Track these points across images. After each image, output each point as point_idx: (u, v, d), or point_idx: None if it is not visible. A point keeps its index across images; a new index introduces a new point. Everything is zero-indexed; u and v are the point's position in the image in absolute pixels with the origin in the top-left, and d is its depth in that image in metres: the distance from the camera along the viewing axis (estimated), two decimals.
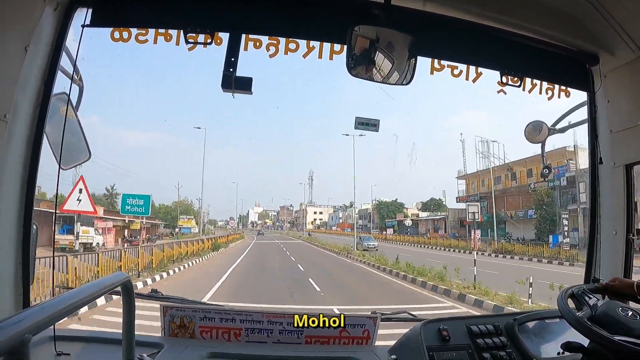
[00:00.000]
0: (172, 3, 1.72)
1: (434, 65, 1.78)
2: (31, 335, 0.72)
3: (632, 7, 1.69)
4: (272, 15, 1.71)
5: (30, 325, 0.73)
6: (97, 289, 1.01)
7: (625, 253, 1.91)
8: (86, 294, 0.94)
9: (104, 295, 4.69)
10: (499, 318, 1.74)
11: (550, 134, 2.05)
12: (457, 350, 1.58)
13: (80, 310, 6.37)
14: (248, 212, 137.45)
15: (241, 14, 1.69)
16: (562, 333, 1.61)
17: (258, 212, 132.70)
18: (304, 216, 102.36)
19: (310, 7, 1.72)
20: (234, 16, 1.68)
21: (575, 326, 1.32)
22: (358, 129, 3.36)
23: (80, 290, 0.95)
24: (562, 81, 1.96)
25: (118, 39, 1.74)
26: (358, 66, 1.62)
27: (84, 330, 1.79)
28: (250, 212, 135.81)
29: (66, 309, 0.84)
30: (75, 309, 0.88)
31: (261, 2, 1.71)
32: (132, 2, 1.73)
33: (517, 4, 1.78)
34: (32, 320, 0.74)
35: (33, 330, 0.73)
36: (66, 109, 1.80)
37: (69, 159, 1.86)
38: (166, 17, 1.70)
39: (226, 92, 1.62)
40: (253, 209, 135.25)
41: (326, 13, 1.72)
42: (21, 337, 0.70)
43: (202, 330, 1.72)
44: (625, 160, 1.94)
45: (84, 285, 1.00)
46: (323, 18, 1.72)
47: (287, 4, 1.73)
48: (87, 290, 0.96)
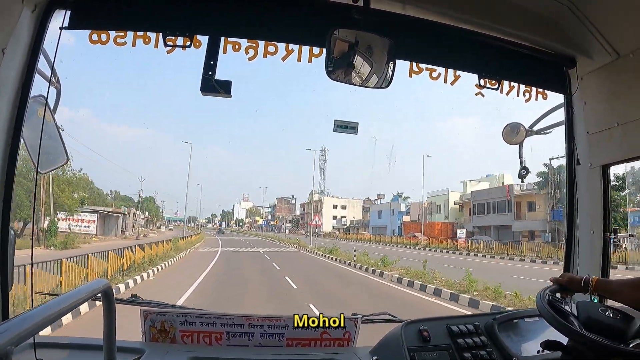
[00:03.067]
0: (151, 6, 1.71)
1: (413, 68, 1.80)
2: (14, 347, 0.71)
3: (609, 11, 1.73)
4: (251, 19, 1.71)
5: (12, 338, 0.72)
6: (79, 296, 1.01)
7: (602, 252, 1.95)
8: (68, 302, 0.94)
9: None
10: (479, 318, 1.76)
11: (528, 136, 2.08)
12: (438, 351, 1.59)
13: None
14: (233, 207, 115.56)
15: (220, 17, 1.68)
16: (542, 332, 1.63)
17: (247, 208, 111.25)
18: (319, 211, 61.12)
19: (289, 10, 1.72)
20: (213, 19, 1.68)
21: (554, 325, 1.34)
22: (337, 132, 3.37)
23: (62, 298, 0.94)
24: (539, 84, 1.99)
25: (96, 42, 1.72)
26: (337, 69, 1.63)
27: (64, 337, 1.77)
28: (237, 207, 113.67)
29: (48, 318, 0.83)
30: (57, 317, 0.87)
31: (240, 6, 1.71)
32: (111, 4, 1.71)
33: (496, 8, 1.80)
34: (14, 332, 0.73)
35: (15, 342, 0.72)
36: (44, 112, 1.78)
37: (46, 162, 1.84)
38: (145, 19, 1.69)
39: (205, 95, 1.62)
40: (240, 204, 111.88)
41: (305, 16, 1.73)
42: (4, 349, 0.70)
43: (183, 334, 1.71)
44: (601, 161, 1.97)
45: (65, 294, 0.99)
46: (302, 21, 1.73)
47: (266, 8, 1.73)
48: (68, 298, 0.96)
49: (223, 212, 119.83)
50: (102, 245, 22.47)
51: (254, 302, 10.62)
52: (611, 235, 1.96)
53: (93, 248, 16.77)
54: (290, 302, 10.72)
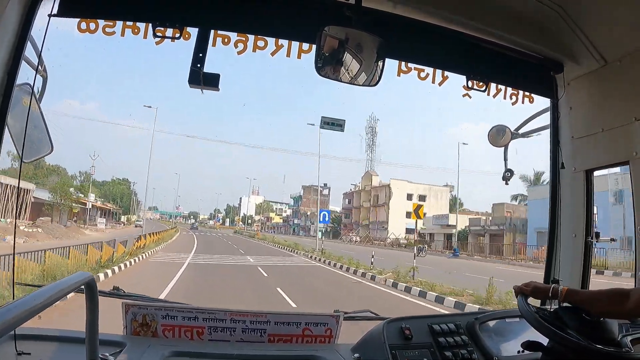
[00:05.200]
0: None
1: (401, 67, 1.81)
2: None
3: (597, 18, 1.75)
4: (242, 12, 1.70)
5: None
6: (61, 288, 0.99)
7: (583, 255, 1.98)
8: (50, 294, 0.92)
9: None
10: (461, 317, 1.78)
11: (513, 138, 2.11)
12: (419, 349, 1.60)
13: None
14: (240, 201, 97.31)
15: (211, 9, 1.68)
16: (523, 332, 1.64)
17: (257, 204, 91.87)
18: (385, 202, 44.25)
19: (280, 5, 1.72)
20: (203, 11, 1.67)
21: (535, 326, 1.36)
22: (324, 129, 3.38)
23: (44, 290, 0.92)
24: (526, 87, 2.02)
25: (85, 30, 1.71)
26: (326, 66, 1.63)
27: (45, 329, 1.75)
28: (244, 201, 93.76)
29: (30, 310, 0.82)
30: (39, 310, 0.86)
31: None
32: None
33: (486, 10, 1.82)
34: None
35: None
36: (29, 101, 1.76)
37: (31, 151, 1.81)
38: (135, 9, 1.68)
39: (193, 87, 1.61)
40: (248, 197, 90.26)
41: (296, 12, 1.73)
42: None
43: (165, 328, 1.70)
44: (585, 165, 2.00)
45: (47, 286, 0.98)
46: (293, 17, 1.73)
47: (257, 1, 1.73)
48: (50, 290, 0.94)
49: (228, 207, 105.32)
50: None
51: None
52: (593, 239, 1.99)
53: None
54: None
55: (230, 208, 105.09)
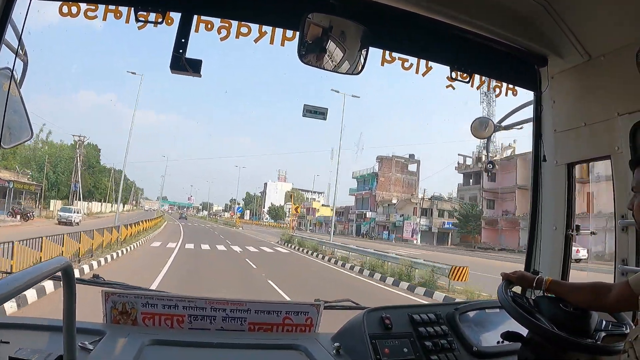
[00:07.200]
0: None
1: (385, 57, 1.80)
2: None
3: (583, 14, 1.76)
4: None
5: None
6: (37, 274, 0.97)
7: (564, 248, 2.00)
8: (25, 280, 0.89)
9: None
10: (441, 307, 1.79)
11: (496, 131, 2.12)
12: (399, 339, 1.60)
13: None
14: (265, 187, 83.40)
15: None
16: (502, 323, 1.66)
17: (286, 191, 78.47)
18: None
19: None
20: None
21: (515, 316, 1.37)
22: (306, 117, 3.38)
23: (19, 275, 0.90)
24: (510, 80, 2.03)
25: (67, 14, 1.69)
26: (309, 54, 1.62)
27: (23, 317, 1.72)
28: (270, 187, 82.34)
29: (4, 295, 0.80)
30: (13, 295, 0.84)
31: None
32: None
33: (472, 2, 1.82)
34: None
35: None
36: (9, 85, 1.73)
37: (10, 137, 1.78)
38: None
39: (175, 73, 1.59)
40: (275, 184, 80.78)
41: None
42: None
43: (145, 316, 1.68)
44: (567, 159, 2.02)
45: (22, 271, 0.96)
46: (277, 3, 1.71)
47: None
48: (26, 275, 0.92)
49: (247, 196, 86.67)
50: None
51: None
52: (573, 232, 2.01)
53: None
54: None
55: (251, 197, 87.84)
